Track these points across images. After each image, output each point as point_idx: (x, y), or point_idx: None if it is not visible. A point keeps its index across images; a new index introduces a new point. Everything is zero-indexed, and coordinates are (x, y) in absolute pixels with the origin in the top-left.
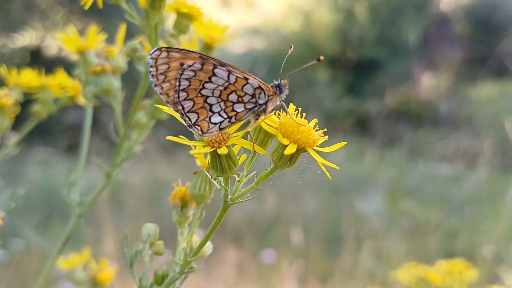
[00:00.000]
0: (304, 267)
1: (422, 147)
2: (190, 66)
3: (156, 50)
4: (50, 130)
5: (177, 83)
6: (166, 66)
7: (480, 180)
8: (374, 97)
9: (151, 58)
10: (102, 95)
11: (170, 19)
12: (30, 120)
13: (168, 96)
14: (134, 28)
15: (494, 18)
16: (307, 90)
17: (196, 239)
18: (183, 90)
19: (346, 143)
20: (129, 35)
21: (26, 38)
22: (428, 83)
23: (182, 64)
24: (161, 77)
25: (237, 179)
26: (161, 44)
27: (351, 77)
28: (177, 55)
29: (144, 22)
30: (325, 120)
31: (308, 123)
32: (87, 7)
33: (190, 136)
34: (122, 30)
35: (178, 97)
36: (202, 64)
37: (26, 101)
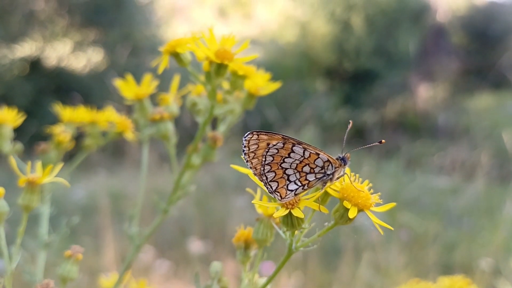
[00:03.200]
0: (303, 279)
1: (419, 158)
2: (274, 145)
3: (249, 134)
4: (49, 139)
5: (263, 159)
6: (256, 146)
7: (477, 192)
8: (371, 108)
9: (245, 140)
10: (159, 139)
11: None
12: (81, 152)
13: (256, 169)
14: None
15: (491, 29)
16: (304, 101)
17: (257, 276)
18: (267, 164)
19: (395, 204)
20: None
21: (25, 49)
22: (425, 94)
23: (268, 144)
24: (251, 155)
25: (301, 231)
26: (218, 97)
27: (348, 88)
28: (265, 137)
29: (206, 82)
30: (322, 131)
31: (365, 188)
32: (160, 71)
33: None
34: (176, 80)
35: (264, 169)
36: (284, 143)
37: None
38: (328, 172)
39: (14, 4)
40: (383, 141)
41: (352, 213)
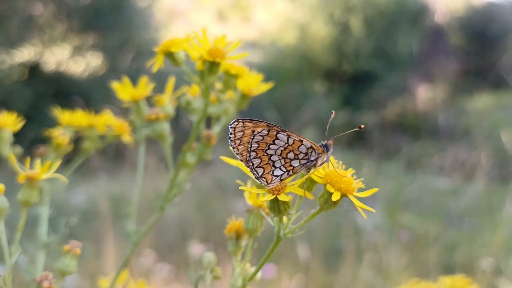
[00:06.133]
0: (304, 281)
1: (419, 159)
2: (259, 132)
3: (235, 121)
4: (48, 143)
5: (249, 145)
6: (241, 133)
7: (478, 192)
8: (370, 109)
9: (231, 127)
10: (155, 139)
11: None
12: (79, 155)
13: (242, 156)
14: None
15: (489, 29)
16: (304, 103)
17: (248, 266)
18: (253, 150)
19: (377, 189)
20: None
21: (24, 54)
22: (425, 95)
23: (253, 131)
24: (237, 141)
25: (287, 218)
26: (212, 97)
27: (347, 90)
28: (250, 124)
29: (199, 81)
30: (322, 133)
31: (348, 174)
32: (154, 70)
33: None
34: (171, 81)
35: (250, 156)
36: (268, 131)
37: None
38: (312, 158)
39: (13, 9)
40: (362, 126)
41: (335, 197)
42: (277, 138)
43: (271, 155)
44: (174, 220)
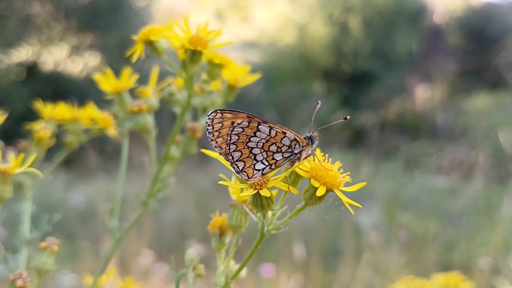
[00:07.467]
0: (303, 281)
1: (418, 159)
2: (239, 124)
3: (213, 112)
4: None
5: (229, 138)
6: (220, 125)
7: (476, 191)
8: (369, 109)
9: (209, 118)
10: (138, 132)
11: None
12: (62, 150)
13: (221, 149)
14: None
15: (487, 30)
16: (302, 103)
17: (232, 263)
18: (233, 143)
19: (365, 183)
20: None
21: (22, 54)
22: (423, 95)
23: (233, 123)
24: (216, 133)
25: (272, 213)
26: (195, 88)
27: (346, 90)
28: (229, 115)
29: (182, 71)
30: (321, 133)
31: (334, 167)
32: (133, 60)
33: None
34: (154, 72)
35: (229, 149)
36: (249, 122)
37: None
38: (296, 151)
39: (10, 9)
40: (347, 117)
41: (320, 192)
42: (258, 130)
43: (252, 148)
44: (173, 220)
